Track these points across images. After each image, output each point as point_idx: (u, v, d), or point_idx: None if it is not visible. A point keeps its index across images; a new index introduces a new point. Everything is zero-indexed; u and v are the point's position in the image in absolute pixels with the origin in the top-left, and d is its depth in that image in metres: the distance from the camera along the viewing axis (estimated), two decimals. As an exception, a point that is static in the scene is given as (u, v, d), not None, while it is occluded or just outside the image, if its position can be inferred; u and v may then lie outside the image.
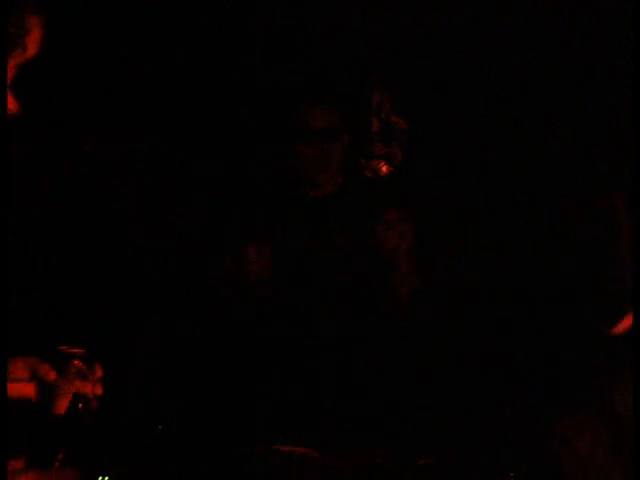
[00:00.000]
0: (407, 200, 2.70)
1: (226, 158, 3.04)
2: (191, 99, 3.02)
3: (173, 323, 2.85)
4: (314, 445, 2.08)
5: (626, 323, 1.85)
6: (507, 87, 2.96)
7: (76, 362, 1.61)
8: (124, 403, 1.67)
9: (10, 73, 1.25)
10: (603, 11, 2.72)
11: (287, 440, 2.10)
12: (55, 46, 1.28)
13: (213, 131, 3.07)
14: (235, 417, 2.60)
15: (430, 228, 2.78)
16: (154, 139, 3.00)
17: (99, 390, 1.64)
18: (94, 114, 2.93)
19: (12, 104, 1.29)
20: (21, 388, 1.60)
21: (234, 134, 3.06)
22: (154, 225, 3.02)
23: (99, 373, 1.64)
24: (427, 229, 2.77)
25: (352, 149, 2.59)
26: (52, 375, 1.59)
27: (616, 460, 2.23)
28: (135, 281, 2.94)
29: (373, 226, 2.62)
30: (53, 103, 1.19)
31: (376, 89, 2.49)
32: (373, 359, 2.60)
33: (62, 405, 1.60)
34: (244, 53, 3.07)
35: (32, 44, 1.24)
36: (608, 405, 2.46)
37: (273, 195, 2.74)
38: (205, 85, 3.05)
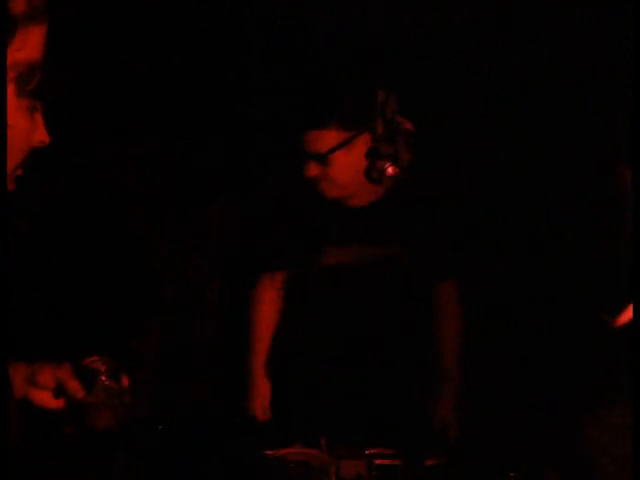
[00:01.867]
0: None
1: (226, 150, 3.03)
2: (190, 92, 3.02)
3: (174, 319, 2.84)
4: (321, 446, 2.07)
5: (627, 316, 1.83)
6: (507, 87, 2.97)
7: (103, 378, 1.61)
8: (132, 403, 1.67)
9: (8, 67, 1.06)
10: (603, 11, 2.73)
11: (293, 442, 2.10)
12: (53, 46, 1.20)
13: (212, 123, 3.07)
14: (238, 418, 2.59)
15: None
16: (151, 137, 3.00)
17: (127, 399, 1.64)
18: (96, 109, 2.93)
19: (44, 136, 1.17)
20: (47, 400, 1.59)
21: (233, 126, 3.06)
22: (154, 216, 3.02)
23: (125, 383, 1.64)
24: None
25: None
26: (80, 393, 1.59)
27: (618, 461, 2.23)
28: (135, 274, 2.94)
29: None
30: (52, 100, 1.16)
31: (380, 88, 2.44)
32: (379, 360, 2.59)
33: (91, 420, 1.60)
34: (243, 52, 3.07)
35: (34, 46, 1.09)
36: (608, 404, 2.46)
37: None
38: (205, 80, 3.05)
